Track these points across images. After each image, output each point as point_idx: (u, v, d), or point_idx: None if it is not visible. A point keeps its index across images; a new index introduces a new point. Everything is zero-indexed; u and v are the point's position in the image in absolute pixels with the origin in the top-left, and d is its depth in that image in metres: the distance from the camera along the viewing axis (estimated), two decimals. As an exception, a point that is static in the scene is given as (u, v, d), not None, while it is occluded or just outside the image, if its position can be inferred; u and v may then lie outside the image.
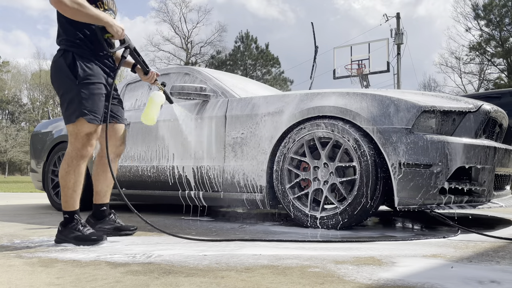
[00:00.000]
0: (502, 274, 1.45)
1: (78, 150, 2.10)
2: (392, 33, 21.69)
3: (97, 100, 2.12)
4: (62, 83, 2.11)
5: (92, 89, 2.10)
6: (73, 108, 2.08)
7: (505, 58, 29.16)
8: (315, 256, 1.77)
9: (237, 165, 2.97)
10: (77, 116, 2.07)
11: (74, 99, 2.08)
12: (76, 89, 2.07)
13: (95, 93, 2.11)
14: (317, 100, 2.69)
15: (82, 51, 2.11)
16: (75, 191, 2.14)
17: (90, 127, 2.10)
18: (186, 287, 1.32)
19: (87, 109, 2.08)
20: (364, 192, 2.44)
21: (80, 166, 2.12)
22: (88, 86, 2.09)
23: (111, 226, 2.41)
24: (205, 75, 3.53)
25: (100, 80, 2.14)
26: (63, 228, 2.14)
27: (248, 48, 35.64)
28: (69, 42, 2.11)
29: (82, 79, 2.07)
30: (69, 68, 2.07)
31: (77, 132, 2.09)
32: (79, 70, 2.07)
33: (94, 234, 2.12)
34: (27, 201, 5.73)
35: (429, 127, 2.43)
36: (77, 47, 2.11)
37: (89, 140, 2.11)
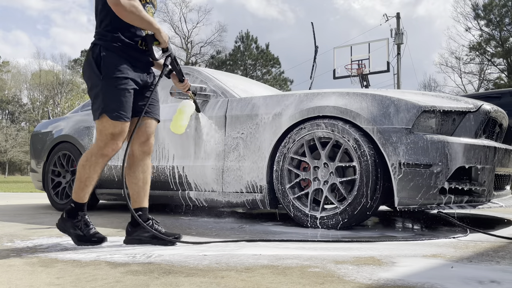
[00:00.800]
0: (502, 274, 1.45)
1: (100, 148, 2.00)
2: (392, 33, 21.70)
3: (122, 96, 1.98)
4: (89, 78, 2.03)
5: (117, 85, 1.97)
6: (97, 104, 1.99)
7: (505, 58, 29.17)
8: (315, 256, 1.77)
9: (237, 165, 2.97)
10: (100, 113, 1.98)
11: (98, 95, 1.99)
12: (100, 84, 1.97)
13: (120, 89, 1.98)
14: (317, 100, 2.69)
15: (111, 45, 2.00)
16: (86, 185, 2.05)
17: (115, 125, 1.98)
18: (186, 287, 1.32)
19: (111, 106, 1.96)
20: (364, 192, 2.44)
21: (98, 164, 2.02)
22: (112, 82, 1.97)
23: (149, 234, 2.10)
24: (205, 75, 3.53)
25: (127, 75, 2.01)
26: (67, 218, 2.09)
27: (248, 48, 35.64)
28: (99, 34, 2.03)
29: (106, 74, 1.97)
30: (95, 62, 1.99)
31: (101, 129, 1.99)
32: (104, 64, 1.97)
33: (95, 235, 2.08)
34: (27, 201, 5.73)
35: (429, 127, 2.43)
36: (105, 40, 2.00)
37: (113, 139, 2.00)
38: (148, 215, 2.14)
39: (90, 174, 2.03)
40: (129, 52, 2.03)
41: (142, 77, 2.11)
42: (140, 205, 2.14)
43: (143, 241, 2.10)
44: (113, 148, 2.01)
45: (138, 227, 2.11)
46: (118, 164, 3.72)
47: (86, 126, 4.07)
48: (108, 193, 3.90)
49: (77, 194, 2.08)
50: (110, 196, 3.91)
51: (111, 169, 3.76)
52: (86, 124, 4.09)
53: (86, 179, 2.03)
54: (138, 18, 1.96)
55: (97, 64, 1.98)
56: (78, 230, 2.07)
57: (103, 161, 2.03)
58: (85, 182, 2.04)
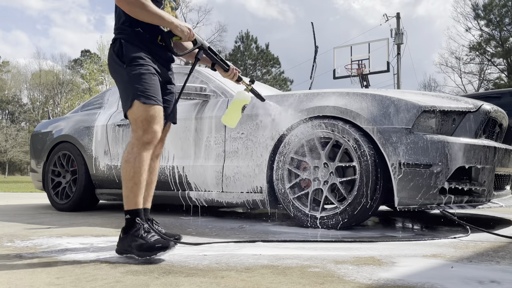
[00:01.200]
0: (502, 274, 1.45)
1: (139, 137, 1.85)
2: (392, 33, 21.70)
3: (147, 79, 1.90)
4: (114, 72, 1.97)
5: (140, 69, 1.90)
6: (127, 93, 1.90)
7: (505, 58, 29.17)
8: (315, 256, 1.77)
9: (237, 165, 2.97)
10: (132, 100, 1.87)
11: (126, 85, 1.91)
12: (125, 73, 1.90)
13: (145, 73, 1.90)
14: (317, 100, 2.69)
15: (130, 38, 1.93)
16: (135, 183, 1.81)
17: (148, 110, 1.85)
18: (186, 287, 1.32)
19: (139, 89, 1.86)
20: (364, 192, 2.44)
21: (142, 155, 1.83)
22: (136, 67, 1.89)
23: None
24: (205, 75, 3.53)
25: (148, 63, 1.93)
26: (125, 236, 1.79)
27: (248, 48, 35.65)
28: (118, 30, 1.97)
29: (129, 62, 1.90)
30: (117, 55, 1.93)
31: (135, 117, 1.86)
32: (125, 54, 1.91)
33: (160, 241, 1.75)
34: (27, 201, 5.73)
35: (429, 127, 2.43)
36: (125, 33, 1.94)
37: (150, 124, 1.86)
38: (148, 216, 2.04)
39: (137, 168, 1.82)
40: (149, 47, 1.97)
41: (163, 72, 2.04)
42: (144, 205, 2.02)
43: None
44: (152, 134, 1.86)
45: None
46: (118, 164, 3.72)
47: (86, 126, 4.07)
48: (108, 193, 3.90)
49: (128, 199, 1.82)
50: (110, 196, 3.92)
51: (111, 169, 3.76)
52: (86, 124, 4.09)
53: (134, 175, 1.81)
54: (145, 13, 1.87)
55: (118, 56, 1.93)
56: (139, 239, 1.75)
57: (146, 152, 1.85)
58: (133, 179, 1.81)
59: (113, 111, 4.01)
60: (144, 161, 1.84)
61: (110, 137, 3.84)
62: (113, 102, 4.12)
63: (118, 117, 3.84)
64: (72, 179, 4.12)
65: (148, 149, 1.86)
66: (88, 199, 4.04)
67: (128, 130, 3.69)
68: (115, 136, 3.79)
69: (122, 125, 3.75)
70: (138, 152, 1.84)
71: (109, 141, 3.84)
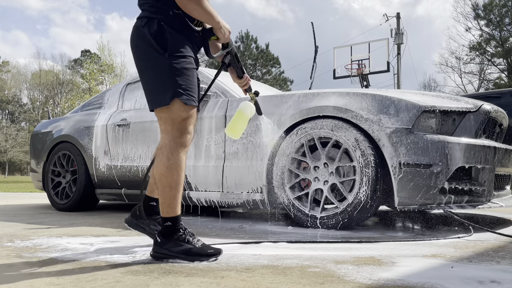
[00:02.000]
0: (502, 274, 1.45)
1: (176, 139, 1.70)
2: (392, 33, 21.70)
3: (191, 77, 1.72)
4: (146, 58, 1.71)
5: (184, 63, 1.70)
6: (164, 88, 1.68)
7: (505, 58, 29.17)
8: (315, 256, 1.77)
9: (237, 165, 2.97)
10: (172, 97, 1.67)
11: (164, 76, 1.68)
12: (166, 63, 1.67)
13: (188, 68, 1.71)
14: (317, 100, 2.69)
15: (171, 21, 1.70)
16: (178, 190, 1.72)
17: (187, 110, 1.69)
18: (186, 287, 1.32)
19: (182, 87, 1.68)
20: (364, 192, 2.44)
21: (182, 159, 1.71)
22: (180, 59, 1.69)
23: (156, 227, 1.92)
24: (205, 75, 3.53)
25: (191, 54, 1.75)
26: (165, 240, 1.71)
27: (248, 48, 35.64)
28: (154, 8, 1.72)
29: (173, 52, 1.68)
30: (154, 39, 1.67)
31: (173, 117, 1.68)
32: (170, 41, 1.68)
33: (208, 246, 1.75)
34: (27, 201, 5.73)
35: (429, 127, 2.43)
36: (165, 14, 1.70)
37: (188, 125, 1.71)
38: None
39: (180, 174, 1.72)
40: (189, 32, 1.76)
41: (196, 61, 1.83)
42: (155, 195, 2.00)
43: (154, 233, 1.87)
44: (189, 136, 1.73)
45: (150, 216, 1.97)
46: (118, 164, 3.72)
47: (86, 126, 4.07)
48: (108, 193, 3.90)
49: (170, 207, 1.73)
50: (110, 196, 3.92)
51: (111, 169, 3.76)
52: (86, 124, 4.09)
53: (177, 182, 1.71)
54: (200, 9, 1.69)
55: (157, 41, 1.67)
56: (186, 243, 1.71)
57: (184, 154, 1.73)
58: (176, 186, 1.71)
59: (113, 111, 4.01)
60: (184, 166, 1.73)
61: (110, 137, 3.84)
62: (113, 102, 4.12)
63: (118, 117, 3.84)
64: (72, 179, 4.12)
65: (186, 152, 1.74)
66: (88, 199, 4.04)
67: (127, 130, 3.69)
68: (115, 136, 3.79)
69: (122, 125, 3.75)
70: (178, 156, 1.70)
71: (109, 141, 3.84)
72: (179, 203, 1.74)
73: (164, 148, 1.72)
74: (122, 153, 3.73)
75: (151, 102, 1.74)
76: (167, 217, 1.73)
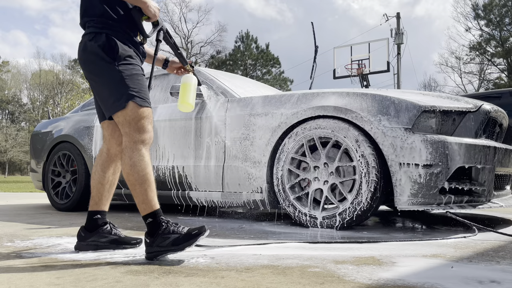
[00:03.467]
0: (502, 274, 1.45)
1: (135, 138, 1.79)
2: (392, 33, 21.70)
3: (142, 81, 1.84)
4: (97, 68, 1.82)
5: (133, 70, 1.82)
6: (118, 93, 1.78)
7: (505, 58, 29.17)
8: (315, 256, 1.77)
9: (237, 165, 2.97)
10: (126, 100, 1.77)
11: (117, 83, 1.78)
12: (116, 71, 1.78)
13: (138, 73, 1.84)
14: (317, 100, 2.69)
15: (116, 33, 1.83)
16: (148, 185, 1.77)
17: (143, 112, 1.80)
18: (186, 287, 1.32)
19: (135, 90, 1.79)
20: (364, 192, 2.44)
21: (145, 154, 1.79)
22: (128, 66, 1.81)
23: (106, 239, 1.95)
24: (205, 75, 3.53)
25: (137, 63, 1.87)
26: (152, 238, 1.74)
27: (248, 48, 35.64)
28: (99, 23, 1.83)
29: (121, 60, 1.80)
30: (103, 49, 1.79)
31: (129, 119, 1.78)
32: (119, 50, 1.80)
33: (192, 228, 1.77)
34: (27, 201, 5.73)
35: (429, 127, 2.43)
36: (112, 29, 1.83)
37: (145, 125, 1.81)
38: (106, 219, 2.00)
39: (146, 169, 1.77)
40: (132, 43, 1.89)
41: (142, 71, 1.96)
42: (99, 208, 1.99)
43: (99, 246, 1.93)
44: (150, 134, 1.83)
45: (94, 232, 1.94)
46: (118, 164, 3.72)
47: (86, 126, 4.07)
48: (108, 193, 3.89)
49: (146, 204, 1.78)
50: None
51: (111, 169, 3.76)
52: (86, 124, 4.09)
53: (144, 178, 1.77)
54: None
55: (105, 51, 1.79)
56: (172, 234, 1.74)
57: (146, 151, 1.80)
58: (144, 182, 1.77)
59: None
60: (149, 160, 1.80)
61: (110, 137, 3.83)
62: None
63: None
64: (72, 179, 4.12)
65: (148, 148, 1.82)
66: (88, 199, 4.02)
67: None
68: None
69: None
70: (140, 152, 1.78)
71: (109, 141, 3.83)
72: (153, 198, 1.78)
73: (125, 149, 1.81)
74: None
75: (107, 110, 1.84)
76: (146, 214, 1.77)
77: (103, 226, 1.97)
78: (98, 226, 1.96)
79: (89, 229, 1.96)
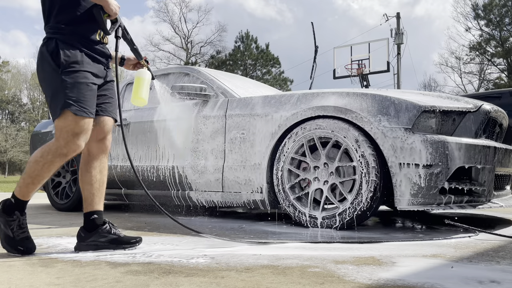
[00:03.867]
0: (502, 274, 1.45)
1: (59, 147, 1.82)
2: (392, 33, 21.68)
3: (83, 90, 1.83)
4: (44, 74, 1.87)
5: (77, 77, 1.82)
6: (57, 100, 1.82)
7: (505, 58, 29.16)
8: (315, 256, 1.77)
9: (237, 165, 2.97)
10: (62, 108, 1.80)
11: (57, 90, 1.82)
12: (58, 78, 1.81)
13: (81, 82, 1.83)
14: (317, 100, 2.69)
15: (67, 38, 1.85)
16: (33, 183, 1.83)
17: (77, 121, 1.81)
18: (186, 287, 1.32)
19: (72, 99, 1.80)
20: (364, 192, 2.44)
21: (53, 164, 1.83)
22: (72, 75, 1.82)
23: (106, 238, 1.96)
24: (205, 75, 3.53)
25: (86, 69, 1.87)
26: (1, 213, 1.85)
27: (248, 48, 35.62)
28: (52, 28, 1.87)
29: (65, 67, 1.81)
30: (51, 56, 1.83)
31: (62, 127, 1.81)
32: (62, 57, 1.81)
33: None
34: (27, 201, 5.72)
35: (429, 127, 2.43)
36: (61, 33, 1.85)
37: (75, 138, 1.82)
38: (104, 219, 2.00)
39: (42, 173, 1.83)
40: (88, 46, 1.90)
41: (102, 72, 1.98)
42: (94, 208, 1.98)
43: (99, 246, 1.94)
44: (74, 148, 1.83)
45: (93, 232, 1.96)
46: (118, 164, 3.72)
47: (86, 126, 4.07)
48: (108, 193, 3.89)
49: (21, 190, 1.85)
50: (110, 196, 3.91)
51: (111, 169, 3.76)
52: (86, 124, 4.09)
53: (36, 177, 1.83)
54: None
55: (53, 58, 1.82)
56: (9, 230, 1.82)
57: (60, 162, 1.85)
58: (33, 179, 1.83)
59: (113, 111, 4.01)
60: (53, 170, 1.85)
61: (110, 137, 3.83)
62: (113, 102, 4.12)
63: (118, 117, 3.84)
64: (72, 179, 4.11)
65: (62, 161, 1.85)
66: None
67: (127, 131, 3.69)
68: (115, 136, 3.79)
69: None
70: (51, 160, 1.82)
71: (109, 141, 3.83)
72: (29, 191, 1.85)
73: (46, 146, 1.85)
74: (122, 153, 3.73)
75: (51, 115, 1.89)
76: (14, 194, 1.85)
77: (102, 226, 1.98)
78: (97, 226, 1.97)
79: (89, 230, 1.97)
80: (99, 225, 1.97)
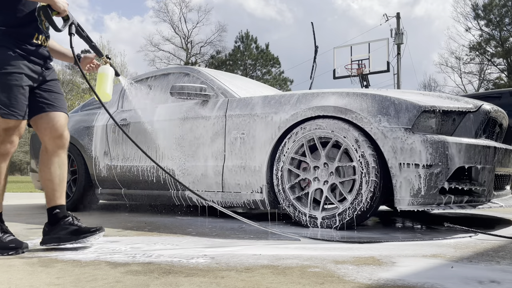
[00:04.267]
0: (502, 274, 1.45)
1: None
2: (392, 33, 21.69)
3: (14, 92, 1.86)
4: None
5: (8, 80, 1.86)
6: None
7: (505, 58, 29.17)
8: (315, 256, 1.77)
9: (237, 165, 2.97)
10: None
11: None
12: None
13: (12, 84, 1.86)
14: (317, 100, 2.69)
15: (2, 39, 1.87)
16: None
17: (6, 123, 1.86)
18: (186, 287, 1.32)
19: (1, 102, 1.85)
20: (364, 192, 2.44)
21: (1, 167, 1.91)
22: (4, 77, 1.85)
23: (67, 230, 2.00)
24: (205, 75, 3.53)
25: (19, 70, 1.89)
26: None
27: (248, 48, 35.64)
28: None
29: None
30: None
31: None
32: None
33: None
34: (27, 201, 5.73)
35: (429, 127, 2.43)
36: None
37: (8, 135, 1.89)
38: (66, 212, 2.06)
39: None
40: (23, 47, 1.92)
41: (40, 73, 2.00)
42: (56, 203, 2.04)
43: (62, 239, 1.99)
44: (10, 145, 1.91)
45: (56, 225, 2.02)
46: (118, 164, 3.72)
47: (86, 126, 4.08)
48: (108, 193, 3.90)
49: None
50: (110, 196, 3.92)
51: (111, 169, 3.76)
52: (86, 124, 4.09)
53: None
54: None
55: None
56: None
57: (4, 161, 1.92)
58: None
59: (113, 111, 4.01)
60: (3, 171, 1.91)
61: (110, 137, 3.84)
62: (113, 102, 4.12)
63: (118, 117, 3.84)
64: (72, 179, 4.12)
65: (6, 159, 1.91)
66: (88, 199, 4.04)
67: (127, 130, 3.69)
68: (115, 136, 3.79)
69: (122, 125, 3.75)
70: None
71: (109, 141, 3.84)
72: None
73: None
74: (122, 153, 3.73)
75: None
76: None
77: (64, 219, 2.04)
78: (59, 219, 2.03)
79: (52, 224, 2.04)
80: (61, 218, 2.03)
